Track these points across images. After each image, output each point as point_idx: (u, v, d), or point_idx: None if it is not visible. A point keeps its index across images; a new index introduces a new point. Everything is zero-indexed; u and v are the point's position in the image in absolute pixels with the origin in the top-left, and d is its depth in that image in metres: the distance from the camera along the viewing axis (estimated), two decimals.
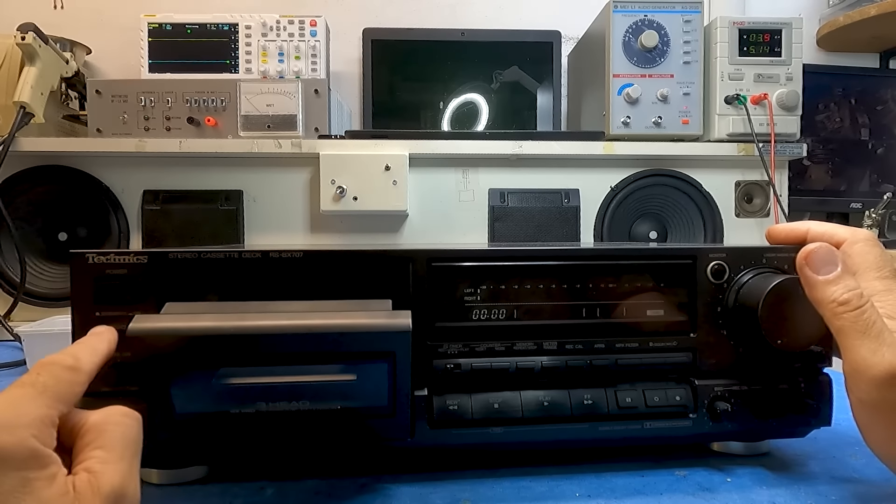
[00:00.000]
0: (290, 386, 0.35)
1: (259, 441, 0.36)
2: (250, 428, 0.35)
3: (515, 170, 1.15)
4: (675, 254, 0.43)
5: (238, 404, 0.34)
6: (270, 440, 0.36)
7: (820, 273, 0.37)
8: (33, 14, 1.22)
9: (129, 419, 0.30)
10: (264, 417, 0.35)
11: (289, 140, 1.09)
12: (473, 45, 1.41)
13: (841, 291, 0.36)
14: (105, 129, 1.11)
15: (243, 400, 0.34)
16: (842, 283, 0.36)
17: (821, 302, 0.37)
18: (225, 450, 0.38)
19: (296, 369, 0.34)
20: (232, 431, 0.35)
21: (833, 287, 0.36)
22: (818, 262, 0.37)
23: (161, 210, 1.10)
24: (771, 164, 1.12)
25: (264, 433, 0.35)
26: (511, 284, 0.41)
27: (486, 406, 0.40)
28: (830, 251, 0.37)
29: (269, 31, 1.26)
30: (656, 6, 1.15)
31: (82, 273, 0.37)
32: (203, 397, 0.34)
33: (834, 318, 0.36)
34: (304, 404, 0.35)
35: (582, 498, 0.39)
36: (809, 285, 0.37)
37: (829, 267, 0.37)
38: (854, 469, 0.43)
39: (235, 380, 0.34)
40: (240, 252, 0.38)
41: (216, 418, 0.35)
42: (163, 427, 0.34)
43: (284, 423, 0.35)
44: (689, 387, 0.42)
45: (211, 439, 0.36)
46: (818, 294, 0.37)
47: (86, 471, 0.27)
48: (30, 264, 1.06)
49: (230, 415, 0.34)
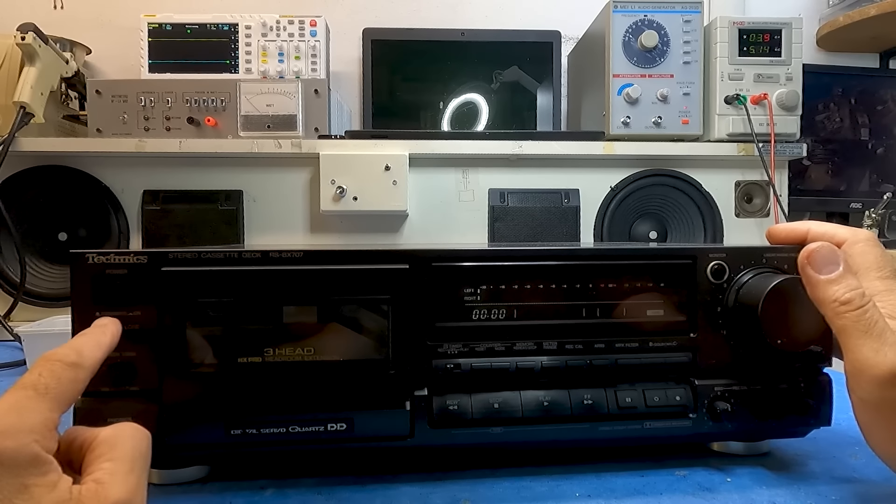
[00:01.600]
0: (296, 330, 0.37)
1: (265, 393, 0.38)
2: (258, 377, 0.37)
3: (515, 170, 1.15)
4: (675, 254, 0.43)
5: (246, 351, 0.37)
6: (275, 392, 0.38)
7: (822, 272, 0.37)
8: (33, 14, 1.22)
9: (140, 434, 0.30)
10: (272, 367, 0.37)
11: (289, 140, 1.09)
12: (473, 45, 1.41)
13: (843, 291, 0.36)
14: (105, 129, 1.11)
15: (252, 346, 0.36)
16: (844, 283, 0.36)
17: (823, 301, 0.36)
18: (235, 406, 0.38)
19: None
20: (241, 382, 0.37)
21: (835, 286, 0.36)
22: (820, 261, 0.37)
23: (161, 210, 1.10)
24: (771, 164, 1.12)
25: (269, 385, 0.37)
26: (511, 284, 0.41)
27: (486, 406, 0.40)
28: (832, 251, 0.37)
29: (269, 31, 1.26)
30: (656, 6, 1.15)
31: (82, 273, 0.37)
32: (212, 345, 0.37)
33: (836, 318, 0.36)
34: (309, 352, 0.37)
35: (582, 498, 0.39)
36: (811, 284, 0.37)
37: (831, 266, 0.36)
38: (854, 469, 0.43)
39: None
40: (240, 252, 0.38)
41: (226, 369, 0.37)
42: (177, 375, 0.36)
43: (288, 374, 0.37)
44: (689, 387, 0.42)
45: (221, 392, 0.37)
46: (820, 293, 0.37)
47: (94, 481, 0.27)
48: (30, 264, 1.06)
49: (238, 364, 0.37)
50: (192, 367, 0.37)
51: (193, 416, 0.37)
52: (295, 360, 0.38)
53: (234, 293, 0.38)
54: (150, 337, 0.37)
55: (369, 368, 0.39)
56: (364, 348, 0.39)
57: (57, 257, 1.11)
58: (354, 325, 0.39)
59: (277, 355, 0.38)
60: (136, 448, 0.29)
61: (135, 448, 0.29)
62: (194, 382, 0.37)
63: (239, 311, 0.38)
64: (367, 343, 0.39)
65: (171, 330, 0.37)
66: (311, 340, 0.38)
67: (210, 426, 0.37)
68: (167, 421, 0.37)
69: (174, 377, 0.37)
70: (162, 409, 0.37)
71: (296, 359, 0.38)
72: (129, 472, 0.28)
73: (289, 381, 0.38)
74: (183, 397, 0.37)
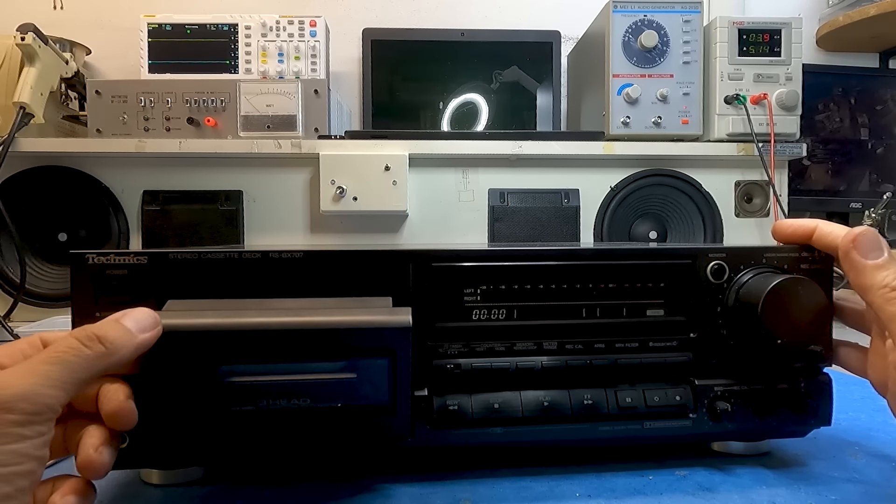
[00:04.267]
0: (290, 383, 0.34)
1: (260, 440, 0.36)
2: (251, 426, 0.35)
3: (515, 170, 1.15)
4: (675, 254, 0.43)
5: (238, 402, 0.34)
6: (271, 439, 0.36)
7: (868, 258, 0.35)
8: (33, 14, 1.22)
9: (70, 338, 0.29)
10: (265, 415, 0.34)
11: (289, 140, 1.09)
12: (473, 45, 1.41)
13: (893, 276, 0.34)
14: (105, 129, 1.11)
15: (244, 398, 0.34)
16: (893, 268, 0.35)
17: (870, 288, 0.35)
18: (225, 449, 0.38)
19: (296, 367, 0.34)
20: (232, 430, 0.35)
21: (883, 272, 0.34)
22: (866, 245, 0.35)
23: (161, 210, 1.10)
24: (771, 164, 1.12)
25: (265, 432, 0.35)
26: (511, 284, 0.41)
27: (487, 406, 0.40)
28: (877, 236, 0.36)
29: (269, 31, 1.26)
30: (656, 6, 1.15)
31: (82, 273, 0.37)
32: (202, 396, 0.34)
33: (886, 304, 0.34)
34: (305, 402, 0.35)
35: (582, 498, 0.39)
36: (856, 269, 0.36)
37: (877, 252, 0.35)
38: (854, 469, 0.43)
39: (236, 378, 0.34)
40: (240, 252, 0.38)
41: (216, 416, 0.35)
42: (161, 426, 0.34)
43: (285, 421, 0.35)
44: (689, 387, 0.42)
45: (211, 438, 0.36)
46: (867, 279, 0.35)
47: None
48: (30, 265, 1.06)
49: (231, 412, 0.34)
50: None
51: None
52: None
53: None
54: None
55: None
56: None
57: (57, 258, 1.11)
58: None
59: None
60: (63, 348, 0.28)
61: (62, 348, 0.28)
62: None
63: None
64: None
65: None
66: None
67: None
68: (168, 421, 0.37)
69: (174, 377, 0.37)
70: (162, 409, 0.37)
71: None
72: (37, 365, 0.27)
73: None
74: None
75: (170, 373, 0.34)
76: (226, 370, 0.34)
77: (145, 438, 0.34)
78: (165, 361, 0.33)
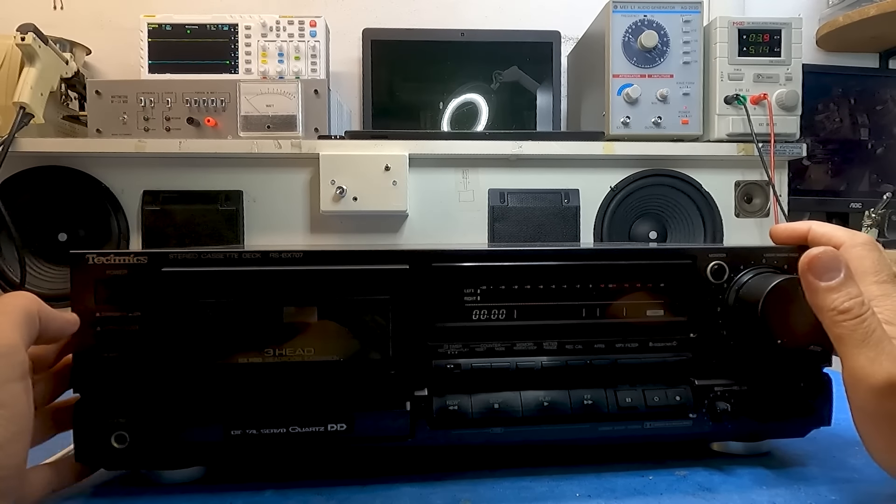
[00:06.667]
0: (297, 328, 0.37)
1: (264, 392, 0.38)
2: (257, 378, 0.37)
3: (515, 170, 1.15)
4: (675, 254, 0.43)
5: (247, 351, 0.37)
6: (277, 391, 0.38)
7: (822, 279, 0.36)
8: (33, 14, 1.22)
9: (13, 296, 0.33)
10: (270, 368, 0.37)
11: (289, 140, 1.09)
12: (473, 46, 1.41)
13: (843, 299, 0.35)
14: (105, 129, 1.11)
15: (251, 345, 0.36)
16: (844, 291, 0.35)
17: (821, 309, 0.36)
18: (232, 405, 0.38)
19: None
20: (241, 382, 0.37)
21: (834, 294, 0.36)
22: (821, 267, 0.36)
23: (161, 210, 1.10)
24: (770, 164, 1.12)
25: (270, 384, 0.37)
26: (511, 285, 0.41)
27: (486, 406, 0.40)
28: (834, 257, 0.36)
29: (269, 31, 1.26)
30: (656, 6, 1.15)
31: (82, 273, 0.37)
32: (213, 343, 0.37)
33: (833, 326, 0.35)
34: (309, 352, 0.37)
35: (582, 498, 0.39)
36: (811, 291, 0.37)
37: (832, 273, 0.36)
38: (854, 469, 0.43)
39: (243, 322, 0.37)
40: (240, 252, 0.38)
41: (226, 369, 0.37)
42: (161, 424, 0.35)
43: (290, 372, 0.37)
44: (689, 387, 0.42)
45: (222, 392, 0.37)
46: (819, 300, 0.36)
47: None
48: (30, 264, 1.06)
49: (239, 364, 0.37)
50: (193, 368, 0.37)
51: (193, 417, 0.37)
52: (295, 361, 0.38)
53: (235, 293, 0.38)
54: (150, 337, 0.37)
55: (370, 369, 0.39)
56: (364, 349, 0.39)
57: (57, 258, 1.11)
58: (354, 326, 0.39)
59: (277, 356, 0.38)
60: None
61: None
62: (194, 382, 0.37)
63: (239, 312, 0.38)
64: (367, 343, 0.39)
65: (171, 330, 0.37)
66: (311, 341, 0.38)
67: (210, 426, 0.37)
68: (166, 421, 0.37)
69: (174, 377, 0.37)
70: (162, 409, 0.37)
71: (296, 359, 0.38)
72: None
73: (289, 382, 0.38)
74: (183, 397, 0.37)
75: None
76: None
77: (145, 438, 0.34)
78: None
